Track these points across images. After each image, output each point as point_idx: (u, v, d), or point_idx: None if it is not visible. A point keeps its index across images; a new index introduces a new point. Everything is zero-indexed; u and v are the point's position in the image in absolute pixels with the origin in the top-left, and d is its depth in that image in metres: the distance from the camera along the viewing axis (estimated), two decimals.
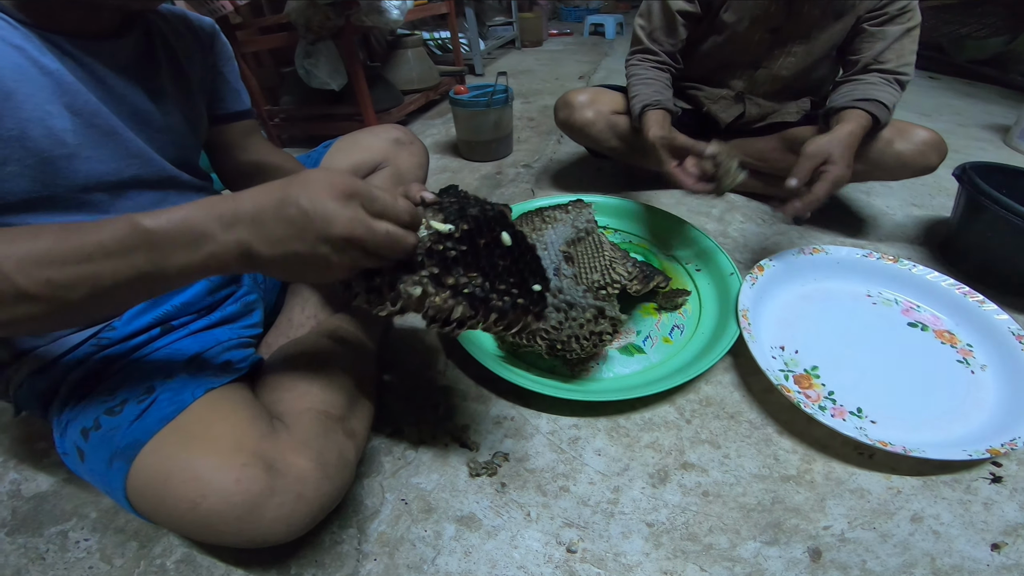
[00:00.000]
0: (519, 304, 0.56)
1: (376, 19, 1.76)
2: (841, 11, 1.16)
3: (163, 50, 0.70)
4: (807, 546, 0.67)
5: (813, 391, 0.85)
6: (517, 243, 0.58)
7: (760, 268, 1.03)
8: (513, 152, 1.90)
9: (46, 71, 0.55)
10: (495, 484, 0.75)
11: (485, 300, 0.53)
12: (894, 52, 1.14)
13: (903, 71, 1.15)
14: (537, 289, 0.58)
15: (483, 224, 0.56)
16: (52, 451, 0.82)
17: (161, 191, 0.69)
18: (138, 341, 0.66)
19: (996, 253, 1.07)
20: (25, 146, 0.54)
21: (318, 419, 0.64)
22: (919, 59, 1.17)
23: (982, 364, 0.90)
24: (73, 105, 0.57)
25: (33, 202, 0.57)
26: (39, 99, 0.54)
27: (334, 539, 0.69)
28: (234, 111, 0.85)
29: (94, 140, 0.60)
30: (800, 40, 1.23)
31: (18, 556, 0.70)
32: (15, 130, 0.53)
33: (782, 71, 1.29)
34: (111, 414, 0.59)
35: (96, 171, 0.60)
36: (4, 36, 0.52)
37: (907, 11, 1.13)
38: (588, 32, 4.25)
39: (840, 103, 1.12)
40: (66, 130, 0.57)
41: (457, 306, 0.52)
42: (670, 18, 1.27)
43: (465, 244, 0.55)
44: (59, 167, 0.57)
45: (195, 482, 0.54)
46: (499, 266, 0.56)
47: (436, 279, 0.52)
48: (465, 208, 0.57)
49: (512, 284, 0.57)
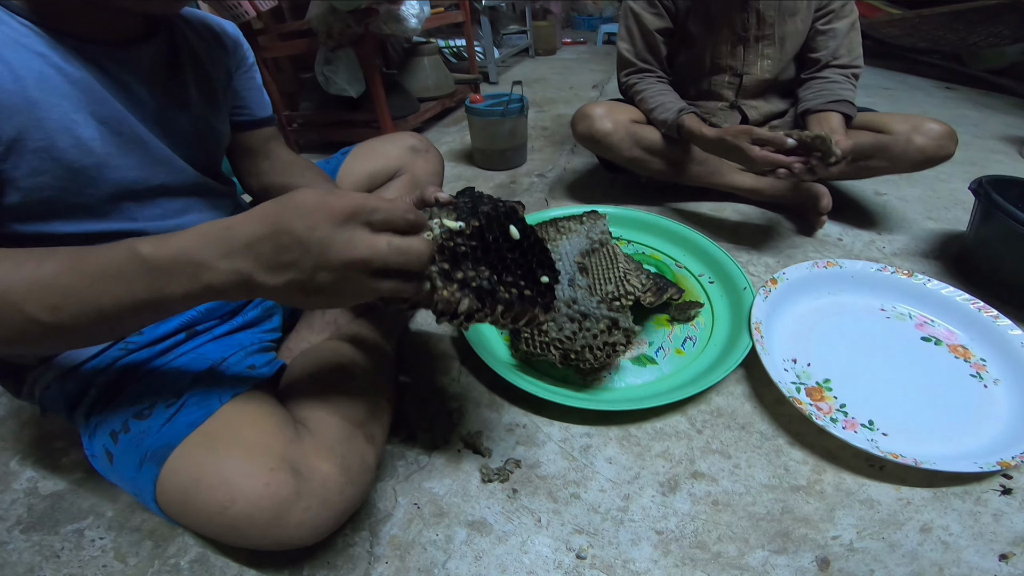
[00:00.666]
0: (526, 296, 0.56)
1: (395, 27, 1.79)
2: (793, 10, 1.29)
3: (188, 56, 0.70)
4: (815, 555, 0.67)
5: (825, 403, 0.85)
6: (526, 235, 0.59)
7: (774, 281, 1.03)
8: (527, 161, 1.91)
9: (71, 79, 0.55)
10: (506, 490, 0.76)
11: (492, 292, 0.53)
12: (845, 48, 1.31)
13: (856, 64, 1.32)
14: (545, 281, 0.58)
15: (493, 220, 0.57)
16: (70, 450, 0.84)
17: (187, 198, 0.71)
18: (164, 346, 0.68)
19: (1011, 268, 1.07)
20: (54, 156, 0.54)
21: (341, 425, 0.66)
22: (936, 69, 1.27)
23: (995, 378, 0.89)
24: (99, 113, 0.57)
25: (63, 210, 0.58)
26: (65, 108, 0.54)
27: (346, 541, 0.70)
28: (257, 118, 0.87)
29: (121, 148, 0.60)
30: (767, 42, 1.33)
31: (32, 554, 0.71)
32: (43, 141, 0.53)
33: (764, 74, 1.38)
34: (140, 417, 0.61)
35: (124, 179, 0.61)
36: (28, 44, 0.52)
37: (847, 5, 1.29)
38: (601, 41, 4.25)
39: (814, 105, 1.27)
40: (93, 139, 0.57)
41: (464, 299, 0.51)
42: (650, 37, 1.37)
43: (475, 240, 0.55)
44: (88, 176, 0.58)
45: (225, 486, 0.55)
46: (507, 259, 0.57)
47: (445, 274, 0.52)
48: (477, 206, 0.58)
49: (520, 276, 0.57)
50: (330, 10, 1.68)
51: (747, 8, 1.28)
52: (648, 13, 1.34)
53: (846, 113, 1.25)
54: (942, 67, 3.11)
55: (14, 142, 0.51)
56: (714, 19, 1.31)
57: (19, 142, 0.52)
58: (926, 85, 2.86)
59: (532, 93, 2.81)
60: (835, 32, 1.29)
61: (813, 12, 1.30)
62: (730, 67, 1.38)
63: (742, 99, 1.43)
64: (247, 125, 0.86)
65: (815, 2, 1.29)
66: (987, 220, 1.11)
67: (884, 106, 2.43)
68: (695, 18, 1.33)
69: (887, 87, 2.77)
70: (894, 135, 1.24)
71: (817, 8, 1.30)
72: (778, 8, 1.28)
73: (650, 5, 1.34)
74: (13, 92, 0.50)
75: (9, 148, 0.51)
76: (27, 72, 0.52)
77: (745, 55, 1.36)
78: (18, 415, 0.92)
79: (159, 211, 0.67)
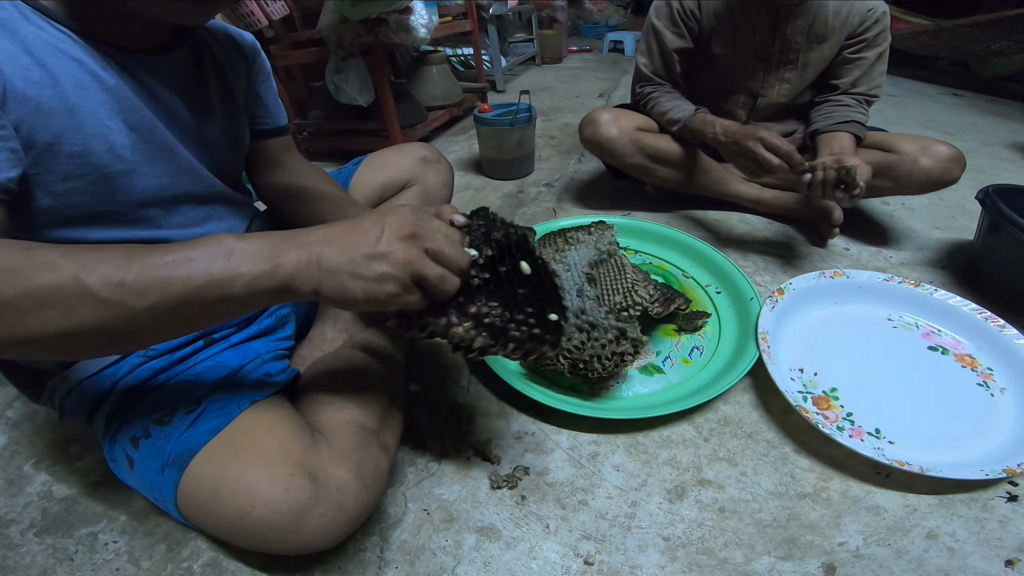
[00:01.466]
0: (535, 335, 0.57)
1: (404, 36, 1.80)
2: (823, 36, 1.26)
3: (211, 65, 0.71)
4: (822, 562, 0.68)
5: (831, 412, 0.86)
6: (536, 271, 0.60)
7: (781, 291, 1.04)
8: (535, 170, 1.92)
9: (106, 86, 0.56)
10: (515, 497, 0.77)
11: (504, 331, 0.55)
12: (867, 77, 1.29)
13: (874, 93, 1.30)
14: (554, 319, 0.59)
15: (505, 250, 0.59)
16: (85, 454, 0.85)
17: (209, 206, 0.72)
18: (183, 353, 0.69)
19: (1018, 277, 1.07)
20: (88, 161, 0.55)
21: (356, 432, 0.67)
22: (943, 75, 1.25)
23: (1002, 387, 0.90)
24: (131, 121, 0.58)
25: (93, 216, 0.59)
26: (100, 115, 0.55)
27: (357, 546, 0.71)
28: (274, 127, 0.87)
29: (150, 156, 0.61)
30: (790, 66, 1.31)
31: (46, 556, 0.72)
32: (79, 146, 0.54)
33: (780, 98, 1.37)
34: (161, 424, 0.62)
35: (152, 186, 0.62)
36: (65, 49, 0.53)
37: (882, 33, 1.25)
38: (607, 49, 4.27)
39: (824, 126, 1.27)
40: (125, 146, 0.58)
41: (478, 337, 0.54)
42: (668, 57, 1.36)
43: (488, 271, 0.57)
44: (118, 183, 0.59)
45: (245, 492, 0.56)
46: (518, 295, 0.58)
47: (460, 307, 0.54)
48: (490, 233, 0.59)
49: (530, 314, 0.58)
50: (341, 19, 1.70)
51: (775, 33, 1.26)
52: (670, 32, 1.33)
53: (856, 135, 1.24)
54: (950, 73, 3.11)
55: (49, 146, 0.52)
56: (739, 42, 1.30)
57: (54, 146, 0.53)
58: (933, 92, 2.86)
59: (539, 101, 2.82)
60: (863, 61, 1.27)
61: (844, 39, 1.27)
62: (748, 88, 1.38)
63: (753, 120, 1.44)
64: (265, 134, 0.87)
65: (848, 28, 1.25)
66: (994, 230, 1.11)
67: (891, 113, 2.44)
68: (719, 39, 1.32)
69: (894, 94, 2.77)
70: (901, 155, 1.23)
71: (850, 35, 1.26)
72: (807, 33, 1.26)
73: (673, 24, 1.33)
74: (52, 97, 0.51)
75: (44, 152, 0.52)
76: (66, 77, 0.53)
77: (765, 78, 1.35)
78: (33, 419, 0.93)
79: (182, 219, 0.68)
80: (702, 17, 1.31)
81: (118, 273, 0.42)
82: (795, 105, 1.41)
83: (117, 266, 0.42)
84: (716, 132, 1.24)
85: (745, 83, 1.37)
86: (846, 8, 1.23)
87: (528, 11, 3.65)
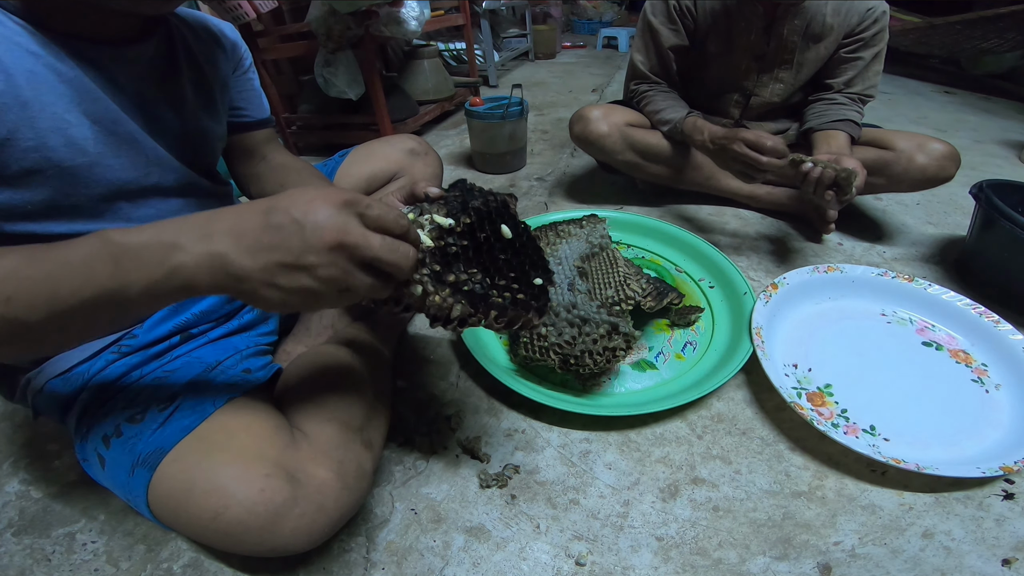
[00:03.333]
0: (519, 300, 0.55)
1: (395, 30, 1.78)
2: (819, 35, 1.24)
3: (184, 56, 0.70)
4: (817, 561, 0.67)
5: (826, 409, 0.85)
6: (518, 235, 0.58)
7: (774, 286, 1.03)
8: (527, 164, 1.91)
9: (64, 78, 0.54)
10: (505, 496, 0.75)
11: (484, 297, 0.52)
12: (862, 77, 1.28)
13: (868, 92, 1.30)
14: (538, 283, 0.57)
15: (484, 216, 0.56)
16: (63, 453, 0.84)
17: (182, 198, 0.70)
18: (158, 349, 0.67)
19: (1012, 272, 1.07)
20: (45, 156, 0.54)
21: (338, 430, 0.65)
22: (934, 73, 1.25)
23: (997, 383, 0.89)
24: (93, 112, 0.57)
25: (55, 210, 0.57)
26: (58, 108, 0.54)
27: (343, 547, 0.69)
28: (256, 119, 0.86)
29: (115, 148, 0.60)
30: (784, 66, 1.30)
31: (24, 557, 0.70)
32: (33, 140, 0.52)
33: (773, 98, 1.36)
34: (132, 422, 0.60)
35: (118, 179, 0.61)
36: (20, 42, 0.51)
37: (880, 33, 1.24)
38: (601, 45, 4.27)
39: (818, 124, 1.27)
40: (86, 138, 0.57)
41: (456, 304, 0.50)
42: (664, 54, 1.35)
43: (466, 239, 0.54)
44: (80, 176, 0.57)
45: (218, 492, 0.54)
46: (499, 260, 0.56)
47: (436, 276, 0.51)
48: (468, 201, 0.57)
49: (513, 279, 0.56)
50: (330, 12, 1.68)
51: (770, 32, 1.25)
52: (666, 29, 1.31)
53: (851, 134, 1.23)
54: (941, 71, 3.13)
55: (5, 141, 0.51)
56: (734, 40, 1.29)
57: (10, 141, 0.51)
58: (925, 89, 2.87)
59: (532, 97, 2.81)
60: (859, 61, 1.26)
61: (841, 38, 1.26)
62: (741, 87, 1.37)
63: (746, 119, 1.43)
64: (245, 127, 0.85)
65: (846, 28, 1.24)
66: (988, 225, 1.11)
67: (884, 111, 2.44)
68: (714, 37, 1.30)
69: (887, 92, 2.78)
70: (897, 152, 1.23)
71: (847, 34, 1.25)
72: (803, 33, 1.24)
73: (669, 22, 1.31)
74: (3, 91, 0.50)
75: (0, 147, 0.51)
76: (18, 71, 0.51)
77: (759, 78, 1.33)
78: (11, 418, 0.91)
79: (153, 211, 0.66)
80: (698, 14, 1.29)
81: (4, 288, 0.39)
82: (788, 104, 1.40)
83: (3, 279, 0.39)
84: (704, 139, 1.22)
85: (739, 82, 1.36)
86: (846, 7, 1.22)
87: (522, 6, 3.64)
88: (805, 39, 1.25)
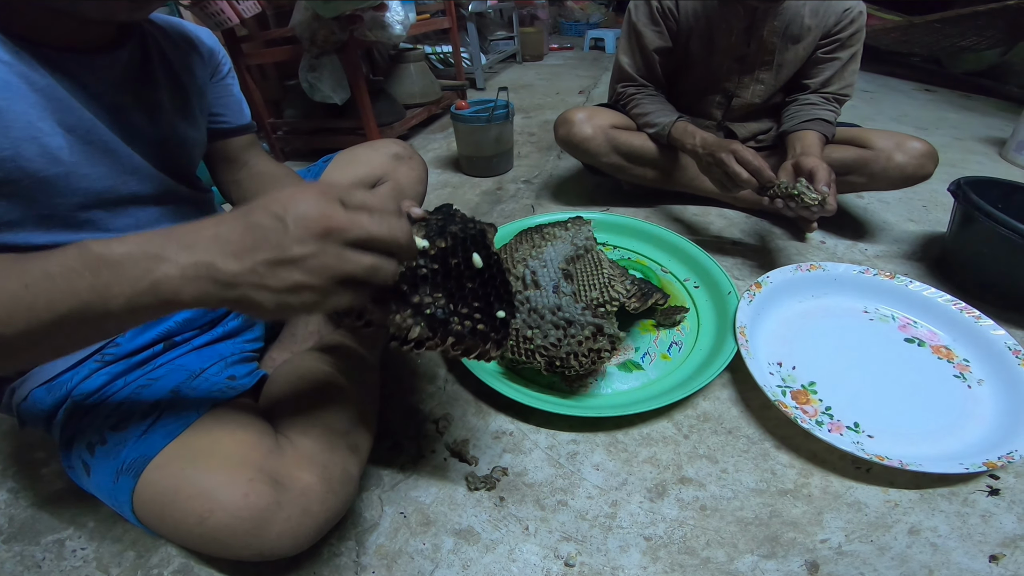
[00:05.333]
0: (478, 330, 0.55)
1: (379, 34, 1.78)
2: (798, 36, 1.26)
3: (160, 63, 0.69)
4: (804, 559, 0.67)
5: (810, 406, 0.86)
6: (488, 266, 0.58)
7: (758, 285, 1.04)
8: (514, 167, 1.91)
9: (36, 87, 0.53)
10: (493, 498, 0.75)
11: (444, 323, 0.52)
12: (839, 76, 1.30)
13: (845, 92, 1.31)
14: (501, 316, 0.57)
15: (459, 243, 0.57)
16: (51, 460, 0.83)
17: (161, 206, 0.70)
18: (142, 357, 0.67)
19: (991, 268, 1.08)
20: (20, 166, 0.53)
21: (322, 435, 0.65)
22: (915, 71, 1.26)
23: (979, 379, 0.90)
24: (67, 122, 0.56)
25: (32, 221, 0.57)
26: (31, 117, 0.53)
27: (332, 551, 0.69)
28: (236, 125, 0.86)
29: (90, 157, 0.59)
30: (765, 67, 1.32)
31: (14, 564, 0.70)
32: (8, 150, 0.52)
33: (755, 99, 1.37)
34: (116, 429, 0.60)
35: (94, 188, 0.60)
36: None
37: (857, 34, 1.26)
38: (588, 46, 4.28)
39: (790, 126, 1.28)
40: (61, 148, 0.56)
41: (415, 326, 0.50)
42: (649, 57, 1.36)
43: (437, 263, 0.55)
44: (56, 185, 0.57)
45: (203, 497, 0.54)
46: (466, 288, 0.56)
47: (403, 296, 0.51)
48: (447, 226, 0.57)
49: (476, 309, 0.56)
50: (314, 17, 1.67)
51: (751, 34, 1.26)
52: (650, 31, 1.32)
53: (823, 132, 1.24)
54: (922, 69, 3.16)
55: None
56: (716, 42, 1.30)
57: None
58: (906, 87, 2.91)
59: (519, 99, 2.82)
60: (835, 61, 1.28)
61: (819, 39, 1.27)
62: (723, 89, 1.38)
63: (728, 120, 1.44)
64: (224, 133, 0.85)
65: (824, 28, 1.26)
66: (966, 221, 1.13)
67: (866, 109, 2.47)
68: (696, 39, 1.31)
69: (868, 90, 2.81)
70: (876, 151, 1.24)
71: (824, 35, 1.26)
72: (783, 34, 1.26)
73: (653, 23, 1.32)
74: None
75: None
76: None
77: (740, 79, 1.35)
78: None
79: (131, 220, 0.66)
80: (680, 16, 1.30)
81: None
82: (769, 105, 1.42)
83: None
84: (695, 144, 1.23)
85: (721, 83, 1.38)
86: (823, 8, 1.24)
87: (509, 9, 3.65)
88: (784, 40, 1.27)
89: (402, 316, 0.50)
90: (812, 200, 1.01)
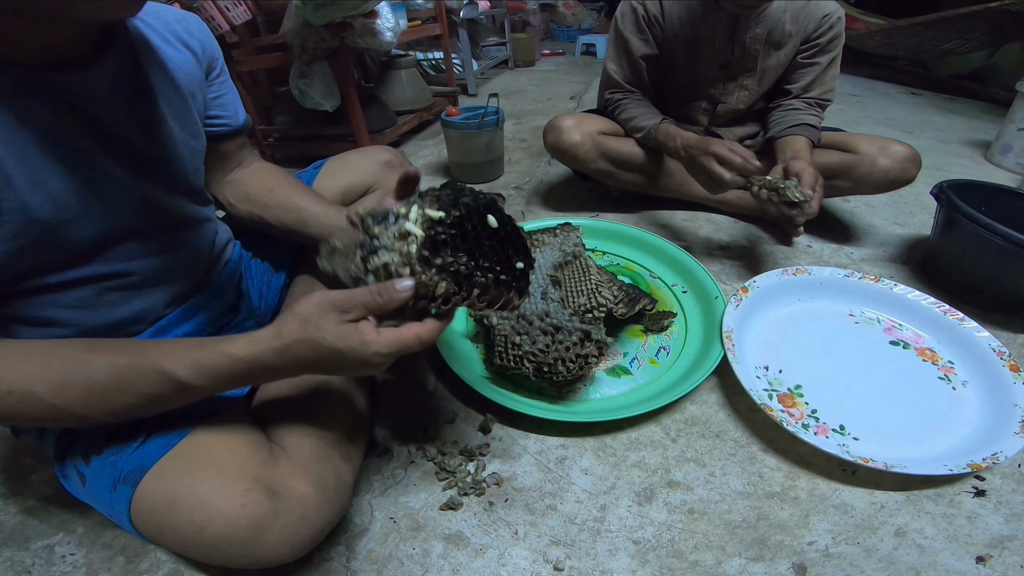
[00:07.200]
0: (501, 280, 0.57)
1: (370, 41, 1.79)
2: (780, 42, 1.28)
3: (155, 68, 0.63)
4: (792, 562, 0.68)
5: (796, 410, 0.86)
6: (503, 224, 0.60)
7: (744, 289, 1.05)
8: (504, 173, 1.92)
9: (31, 126, 0.50)
10: (483, 503, 0.76)
11: (469, 276, 0.55)
12: (819, 81, 1.32)
13: (826, 97, 1.33)
14: (520, 267, 0.60)
15: (473, 210, 0.59)
16: (39, 467, 0.84)
17: (168, 232, 0.68)
18: None
19: (975, 271, 1.09)
20: (30, 216, 0.50)
21: (316, 444, 0.65)
22: (901, 75, 1.27)
23: (963, 380, 0.91)
24: (66, 157, 0.53)
25: (44, 266, 0.55)
26: (32, 160, 0.50)
27: (323, 556, 0.69)
28: (234, 127, 0.81)
29: (97, 191, 0.56)
30: (748, 73, 1.33)
31: (4, 570, 0.70)
32: (16, 201, 0.49)
33: (739, 104, 1.39)
34: (112, 440, 0.60)
35: (104, 225, 0.58)
36: None
37: (836, 39, 1.27)
38: (580, 52, 4.29)
39: (777, 132, 1.30)
40: (67, 189, 0.53)
41: (441, 282, 0.53)
42: (635, 64, 1.37)
43: (455, 229, 0.57)
44: (67, 229, 0.54)
45: (201, 507, 0.55)
46: (485, 246, 0.58)
47: (424, 260, 0.53)
48: (459, 197, 0.59)
49: (496, 262, 0.58)
50: (304, 24, 1.68)
51: (734, 40, 1.28)
52: (636, 39, 1.33)
53: (809, 137, 1.26)
54: (908, 73, 3.19)
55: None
56: (700, 49, 1.31)
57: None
58: (892, 91, 2.93)
59: (510, 105, 2.83)
60: (815, 67, 1.30)
61: (799, 44, 1.29)
62: (708, 95, 1.40)
63: (715, 125, 1.46)
64: (224, 136, 0.80)
65: (804, 34, 1.28)
66: (949, 224, 1.14)
67: (852, 112, 2.49)
68: (681, 46, 1.32)
69: (854, 94, 2.83)
70: (860, 155, 1.26)
71: (804, 40, 1.28)
72: (765, 40, 1.27)
73: (639, 31, 1.33)
74: None
75: None
76: None
77: (724, 85, 1.36)
78: None
79: (142, 249, 0.64)
80: (665, 23, 1.32)
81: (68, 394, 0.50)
82: (754, 110, 1.43)
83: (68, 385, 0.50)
84: (677, 146, 1.25)
85: (706, 90, 1.39)
86: (804, 14, 1.25)
87: (501, 15, 3.65)
88: (767, 46, 1.28)
89: (428, 275, 0.53)
90: (796, 197, 1.03)
